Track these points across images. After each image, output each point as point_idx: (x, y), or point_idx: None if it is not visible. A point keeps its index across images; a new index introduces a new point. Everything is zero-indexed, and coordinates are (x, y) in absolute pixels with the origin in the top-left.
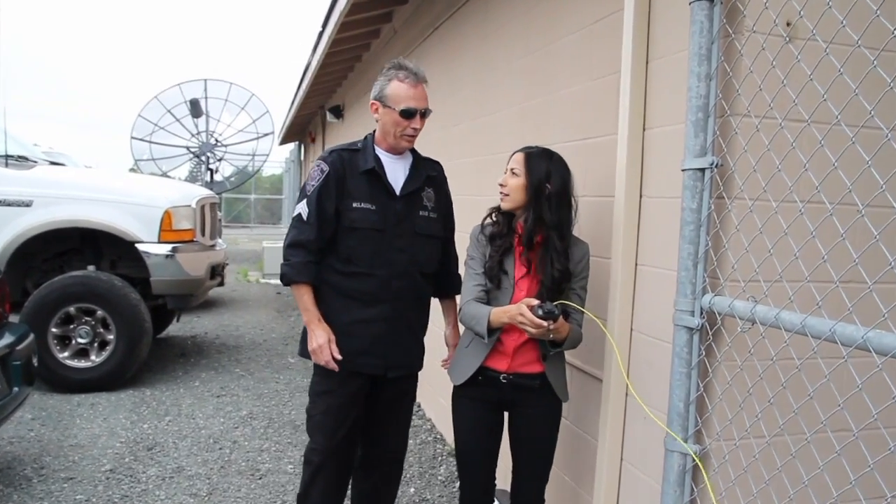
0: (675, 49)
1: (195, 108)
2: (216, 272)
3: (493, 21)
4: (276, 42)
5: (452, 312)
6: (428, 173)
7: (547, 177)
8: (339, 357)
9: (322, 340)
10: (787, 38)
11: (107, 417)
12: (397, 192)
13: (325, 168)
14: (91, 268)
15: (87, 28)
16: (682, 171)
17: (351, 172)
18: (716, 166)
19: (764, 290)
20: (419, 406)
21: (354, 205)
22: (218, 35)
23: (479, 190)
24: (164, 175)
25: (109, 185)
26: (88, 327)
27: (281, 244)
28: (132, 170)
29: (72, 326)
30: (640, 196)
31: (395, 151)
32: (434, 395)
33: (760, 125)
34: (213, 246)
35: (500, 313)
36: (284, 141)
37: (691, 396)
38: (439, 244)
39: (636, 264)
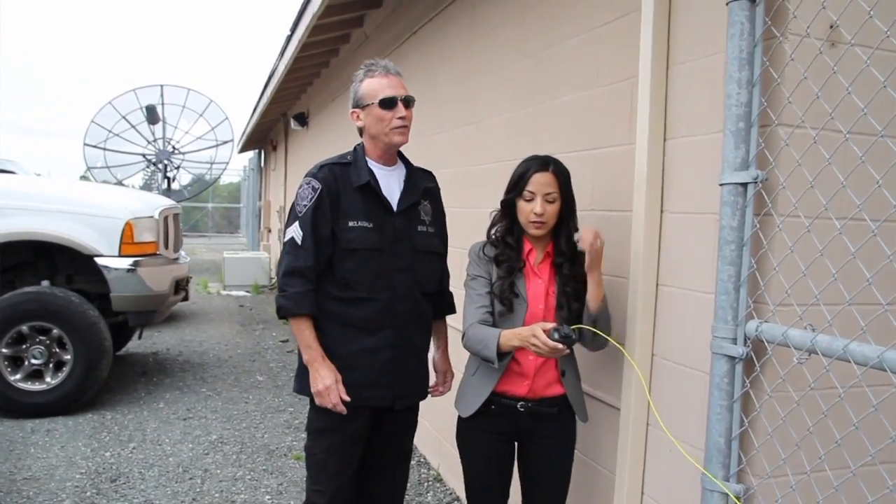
0: (701, 53)
1: (151, 115)
2: (180, 286)
3: (481, 25)
4: (236, 48)
5: (443, 334)
6: (425, 185)
7: (571, 188)
8: (347, 399)
9: (329, 382)
10: (851, 43)
11: (64, 445)
12: (394, 207)
13: (318, 186)
14: (45, 283)
15: (36, 30)
16: (721, 185)
17: (344, 188)
18: (761, 181)
19: (828, 318)
20: None
21: (351, 224)
22: (174, 40)
23: (463, 202)
24: (119, 183)
25: (66, 194)
26: (43, 347)
27: (242, 254)
28: (83, 177)
29: (24, 346)
30: (662, 211)
31: (389, 158)
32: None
33: (819, 137)
34: (176, 259)
35: (511, 336)
36: (244, 149)
37: (733, 432)
38: (439, 261)
39: (657, 284)
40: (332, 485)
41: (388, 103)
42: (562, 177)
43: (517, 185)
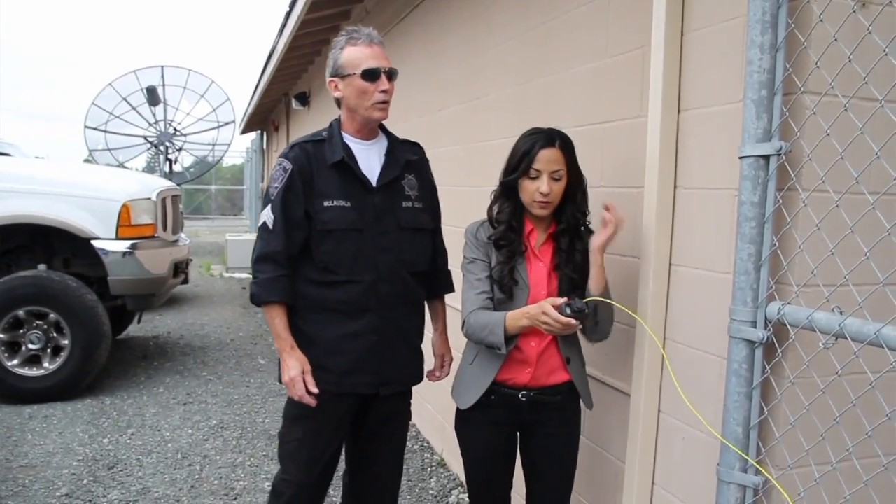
0: (718, 18)
1: (152, 96)
2: (180, 269)
3: None
4: (237, 27)
5: (441, 315)
6: (407, 157)
7: (577, 164)
8: (315, 391)
9: (294, 373)
10: (890, 1)
11: (62, 431)
12: (373, 182)
13: (288, 166)
14: (42, 267)
15: (36, 11)
16: (741, 158)
17: (318, 167)
18: (784, 153)
19: (858, 299)
20: None
21: (326, 203)
22: (175, 20)
23: (467, 179)
24: (121, 166)
25: (62, 177)
26: (40, 332)
27: (245, 236)
28: (87, 160)
29: (21, 331)
30: (675, 187)
31: (368, 132)
32: (418, 398)
33: (850, 105)
34: (175, 241)
35: (518, 316)
36: (246, 130)
37: (752, 421)
38: (429, 237)
39: (670, 264)
40: (300, 475)
41: (371, 75)
42: (568, 152)
43: (521, 163)
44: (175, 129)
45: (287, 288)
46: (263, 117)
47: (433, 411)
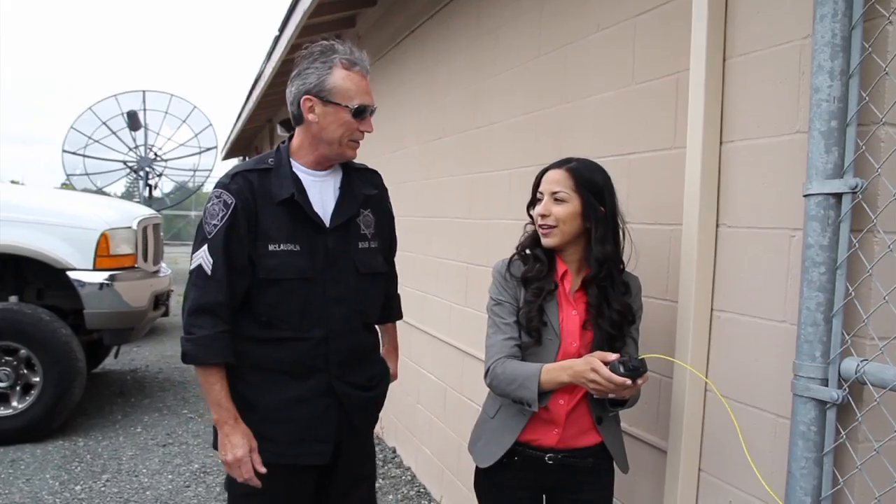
0: (766, 43)
1: (133, 121)
2: (160, 301)
3: (491, 18)
4: (220, 53)
5: (392, 335)
6: (365, 192)
7: (601, 195)
8: (262, 470)
9: (241, 453)
10: None
11: (30, 478)
12: (326, 222)
13: (230, 200)
14: (13, 299)
15: (14, 34)
16: (806, 196)
17: (263, 203)
18: (861, 191)
19: None
20: (395, 453)
21: (271, 247)
22: (157, 45)
23: (468, 212)
24: (100, 191)
25: (36, 203)
26: (10, 368)
27: None
28: (65, 185)
29: None
30: (717, 225)
31: (326, 164)
32: (414, 441)
33: None
34: (156, 272)
35: (557, 371)
36: (228, 156)
37: (824, 491)
38: (383, 282)
39: (712, 309)
40: None
41: (361, 113)
42: (579, 175)
43: (534, 187)
44: (156, 155)
45: (228, 346)
46: (246, 143)
47: (430, 455)
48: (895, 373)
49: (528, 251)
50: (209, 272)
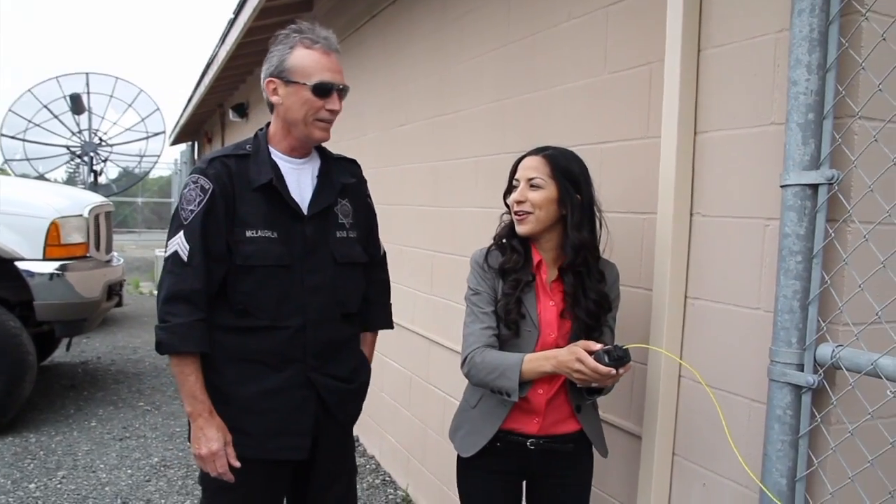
0: (742, 36)
1: (76, 104)
2: (113, 292)
3: (457, 6)
4: (169, 35)
5: (369, 345)
6: (342, 181)
7: (578, 183)
8: (236, 464)
9: (215, 447)
10: None
11: None
12: (304, 210)
13: (208, 185)
14: None
15: None
16: (784, 187)
17: (241, 189)
18: (837, 182)
19: None
20: (358, 441)
21: (249, 234)
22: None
23: (434, 200)
24: (41, 177)
25: None
26: None
27: None
28: (1, 171)
29: None
30: (691, 214)
31: (302, 150)
32: (377, 430)
33: None
34: (108, 261)
35: (539, 360)
36: (177, 141)
37: (799, 472)
38: (362, 272)
39: (686, 297)
40: None
41: (322, 90)
42: (555, 162)
43: (510, 176)
44: (101, 140)
45: (205, 335)
46: (196, 128)
47: (395, 443)
48: (869, 358)
49: (504, 241)
50: (185, 259)
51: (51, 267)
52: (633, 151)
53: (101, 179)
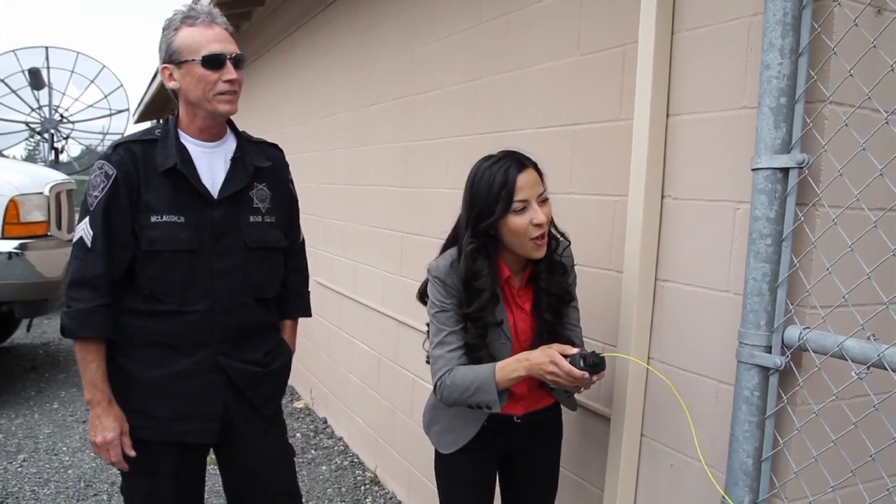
0: (716, 19)
1: (35, 79)
2: None
3: None
4: (132, 11)
5: (288, 334)
6: (256, 164)
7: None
8: (131, 454)
9: (111, 436)
10: None
11: None
12: (214, 194)
13: (111, 171)
14: None
15: None
16: (755, 170)
17: (146, 174)
18: (807, 166)
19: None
20: (326, 423)
21: (154, 219)
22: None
23: (404, 180)
24: None
25: None
26: None
27: None
28: None
29: None
30: (662, 196)
31: (212, 132)
32: (345, 411)
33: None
34: (70, 240)
35: (512, 366)
36: (141, 119)
37: (765, 453)
38: (281, 257)
39: (656, 279)
40: None
41: (213, 62)
42: (539, 168)
43: (499, 199)
44: (62, 116)
45: (107, 321)
46: (161, 106)
47: (363, 424)
48: (835, 340)
49: (484, 284)
50: (89, 244)
51: (10, 246)
52: (606, 133)
53: (63, 157)
